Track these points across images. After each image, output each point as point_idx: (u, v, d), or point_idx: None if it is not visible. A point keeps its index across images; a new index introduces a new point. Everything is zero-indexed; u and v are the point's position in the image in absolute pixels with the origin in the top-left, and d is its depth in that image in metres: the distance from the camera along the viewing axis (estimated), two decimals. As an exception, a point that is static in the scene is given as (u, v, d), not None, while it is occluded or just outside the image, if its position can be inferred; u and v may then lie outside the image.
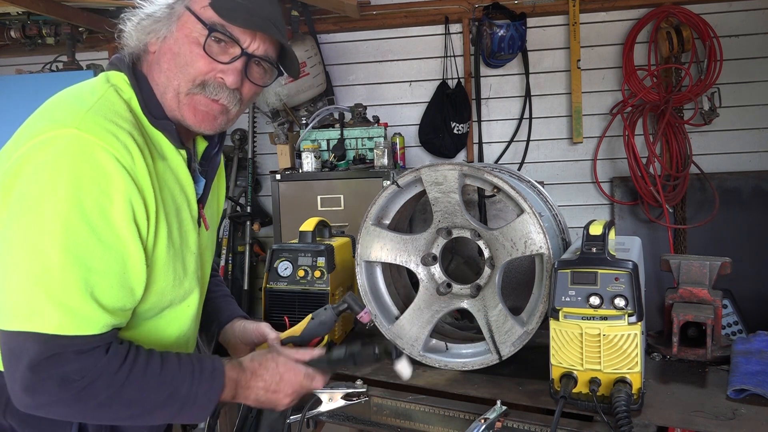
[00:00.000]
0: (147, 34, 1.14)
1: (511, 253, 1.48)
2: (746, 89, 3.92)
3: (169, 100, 1.14)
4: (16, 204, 0.97)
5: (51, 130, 0.99)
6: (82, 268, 0.97)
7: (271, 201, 3.81)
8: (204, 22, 1.10)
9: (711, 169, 3.94)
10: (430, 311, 1.60)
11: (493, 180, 1.49)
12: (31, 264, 0.95)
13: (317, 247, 1.83)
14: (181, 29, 1.12)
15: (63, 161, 0.97)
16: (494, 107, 4.20)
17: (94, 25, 4.02)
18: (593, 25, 4.04)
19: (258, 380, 1.18)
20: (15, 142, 1.05)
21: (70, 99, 1.09)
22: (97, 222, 0.98)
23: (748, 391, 1.31)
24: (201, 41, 1.11)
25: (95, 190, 0.98)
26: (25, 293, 0.95)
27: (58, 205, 0.95)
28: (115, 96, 1.10)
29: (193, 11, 1.12)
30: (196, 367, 1.11)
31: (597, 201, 4.13)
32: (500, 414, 1.25)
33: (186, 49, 1.11)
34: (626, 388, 1.21)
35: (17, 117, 4.17)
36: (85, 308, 0.98)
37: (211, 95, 1.14)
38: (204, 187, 1.26)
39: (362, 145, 3.67)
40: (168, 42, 1.13)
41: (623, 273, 1.23)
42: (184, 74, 1.12)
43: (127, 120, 1.07)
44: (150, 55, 1.16)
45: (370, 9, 4.16)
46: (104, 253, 0.99)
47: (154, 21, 1.13)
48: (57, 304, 0.96)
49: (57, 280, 0.95)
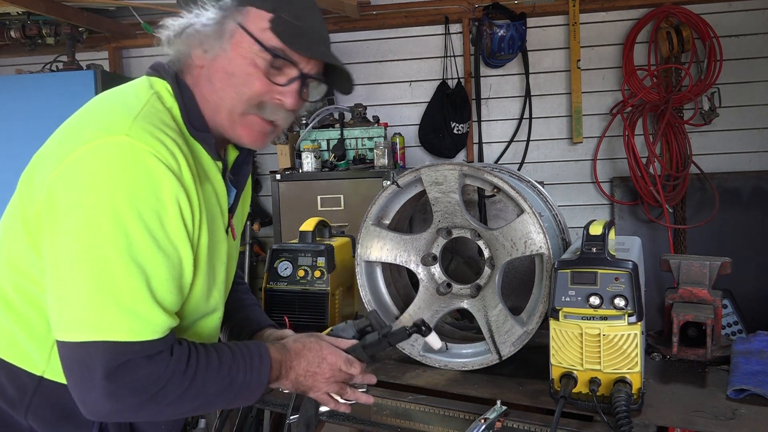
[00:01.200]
0: (193, 46, 1.11)
1: (511, 253, 1.48)
2: (746, 89, 3.91)
3: (222, 118, 1.13)
4: (73, 213, 0.96)
5: (101, 137, 0.99)
6: (144, 275, 0.98)
7: (271, 201, 3.81)
8: (266, 47, 1.08)
9: (711, 169, 3.93)
10: (430, 311, 1.60)
11: (493, 180, 1.49)
12: (95, 274, 0.95)
13: (317, 247, 1.83)
14: (235, 49, 1.09)
15: (117, 169, 0.97)
16: (494, 107, 4.20)
17: (94, 25, 4.02)
18: (593, 25, 4.04)
19: (301, 360, 1.19)
20: (60, 146, 1.03)
21: (116, 104, 1.07)
22: (154, 228, 0.98)
23: (748, 391, 1.31)
24: (258, 63, 1.09)
25: (150, 196, 0.98)
26: (91, 303, 0.95)
27: (116, 213, 0.95)
28: (159, 103, 1.09)
29: (250, 32, 1.08)
30: (246, 354, 1.12)
31: (597, 201, 4.13)
32: (500, 414, 1.25)
33: (242, 69, 1.09)
34: (626, 388, 1.21)
35: (17, 117, 4.20)
36: (152, 313, 0.99)
37: (268, 117, 1.13)
38: (234, 197, 1.26)
39: (362, 145, 3.67)
40: (220, 60, 1.10)
41: (623, 273, 1.23)
42: (239, 95, 1.10)
43: (172, 128, 1.07)
44: (197, 68, 1.13)
45: (370, 9, 4.16)
46: (163, 258, 1.00)
47: (202, 35, 1.10)
48: (126, 312, 0.96)
49: (123, 287, 0.96)
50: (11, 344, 1.09)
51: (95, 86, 3.65)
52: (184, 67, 1.15)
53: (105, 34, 4.28)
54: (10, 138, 3.72)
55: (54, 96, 3.67)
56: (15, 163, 4.27)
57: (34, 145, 1.14)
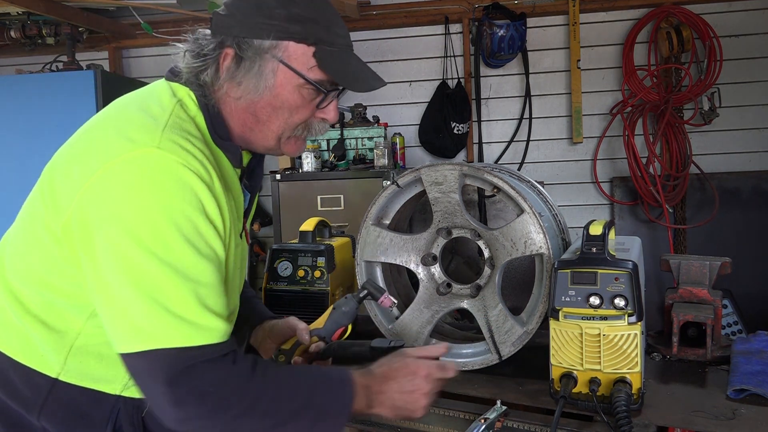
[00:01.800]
0: (226, 79, 1.10)
1: (511, 253, 1.48)
2: (746, 89, 3.91)
3: (270, 141, 1.16)
4: (109, 228, 0.96)
5: (132, 151, 0.98)
6: (190, 282, 0.98)
7: (271, 201, 3.81)
8: (316, 85, 1.10)
9: (711, 169, 3.93)
10: (430, 311, 1.60)
11: (493, 180, 1.49)
12: (142, 286, 0.95)
13: (317, 247, 1.83)
14: (281, 86, 1.09)
15: (151, 181, 0.97)
16: (494, 107, 4.20)
17: (94, 25, 4.02)
18: (593, 25, 4.04)
19: (391, 383, 1.12)
20: (88, 157, 1.02)
21: (142, 114, 1.06)
22: (193, 237, 0.99)
23: (748, 391, 1.31)
24: (305, 96, 1.11)
25: (186, 206, 0.98)
26: (143, 314, 0.96)
27: (155, 225, 0.96)
28: (183, 112, 1.09)
29: (297, 71, 1.08)
30: (324, 375, 1.09)
31: (597, 201, 4.13)
32: (500, 414, 1.25)
33: (290, 103, 1.11)
34: (626, 388, 1.21)
35: (17, 117, 4.20)
36: (204, 318, 0.99)
37: (314, 135, 1.18)
38: (249, 201, 1.27)
39: (362, 145, 3.67)
40: (265, 97, 1.10)
41: (623, 273, 1.23)
42: (288, 124, 1.13)
43: (198, 138, 1.07)
44: (230, 98, 1.12)
45: (370, 9, 4.16)
46: (205, 264, 1.00)
47: (238, 69, 1.08)
48: (178, 319, 0.96)
49: (172, 296, 0.96)
50: (26, 347, 1.10)
51: (95, 86, 3.65)
52: (213, 89, 1.13)
53: (105, 34, 4.28)
54: (10, 138, 3.72)
55: (54, 96, 3.66)
56: (15, 162, 4.30)
57: (34, 145, 1.14)
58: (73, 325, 1.08)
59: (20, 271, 1.11)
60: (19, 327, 1.10)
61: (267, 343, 1.40)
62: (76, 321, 1.07)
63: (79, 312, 1.07)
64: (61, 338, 1.08)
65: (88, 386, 1.10)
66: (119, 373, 1.08)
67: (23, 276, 1.10)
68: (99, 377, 1.10)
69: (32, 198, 1.12)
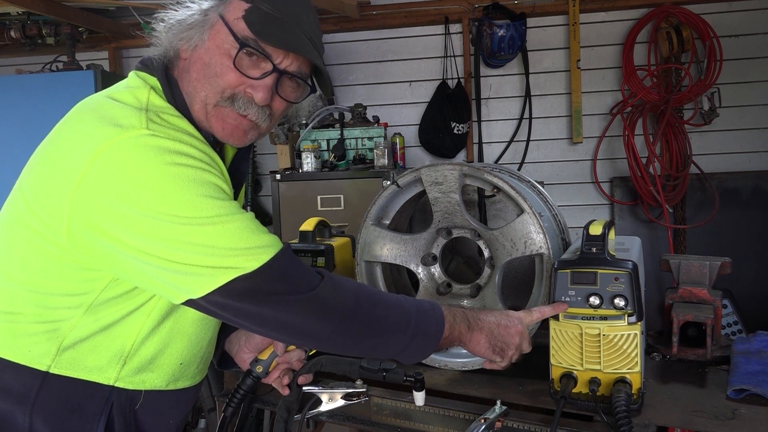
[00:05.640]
0: (179, 39, 1.12)
1: (511, 253, 1.48)
2: (746, 89, 3.92)
3: (196, 110, 1.13)
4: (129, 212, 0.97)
5: (120, 134, 0.99)
6: (236, 222, 1.02)
7: (271, 201, 3.81)
8: (236, 36, 1.08)
9: (711, 169, 3.94)
10: (430, 311, 1.60)
11: (493, 180, 1.49)
12: (190, 246, 0.98)
13: (317, 247, 1.83)
14: (213, 39, 1.09)
15: (152, 157, 0.98)
16: (494, 107, 4.20)
17: (94, 25, 4.02)
18: (593, 25, 4.04)
19: (488, 315, 1.22)
20: (71, 154, 1.01)
21: (118, 105, 1.06)
22: (210, 190, 1.01)
23: (748, 391, 1.31)
24: (232, 54, 1.08)
25: (190, 170, 1.00)
26: (212, 256, 0.99)
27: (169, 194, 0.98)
28: (158, 99, 1.10)
29: (226, 22, 1.09)
30: (410, 298, 1.17)
31: (597, 201, 4.14)
32: (500, 414, 1.25)
33: (217, 60, 1.09)
34: (626, 388, 1.20)
35: (17, 117, 4.19)
36: (264, 237, 1.06)
37: (239, 110, 1.12)
38: (235, 195, 1.26)
39: (362, 145, 3.67)
40: (199, 51, 1.10)
41: (623, 273, 1.23)
42: (212, 86, 1.10)
43: (178, 117, 1.11)
44: (182, 61, 1.14)
45: (370, 9, 4.16)
46: (230, 203, 1.04)
47: (187, 27, 1.11)
48: (244, 250, 1.01)
49: (219, 242, 0.99)
50: (14, 343, 1.09)
51: (95, 86, 3.66)
52: (173, 61, 1.15)
53: (105, 34, 4.29)
54: (10, 138, 3.72)
55: (54, 96, 3.67)
56: (15, 162, 4.28)
57: (34, 145, 1.13)
58: (67, 320, 1.07)
59: (5, 272, 1.10)
60: (7, 326, 1.09)
61: (243, 352, 1.37)
62: (71, 316, 1.07)
63: (75, 307, 1.07)
64: (54, 332, 1.07)
65: (82, 377, 1.09)
66: (113, 360, 1.09)
67: (8, 277, 1.09)
68: (93, 366, 1.09)
69: (13, 200, 1.11)
